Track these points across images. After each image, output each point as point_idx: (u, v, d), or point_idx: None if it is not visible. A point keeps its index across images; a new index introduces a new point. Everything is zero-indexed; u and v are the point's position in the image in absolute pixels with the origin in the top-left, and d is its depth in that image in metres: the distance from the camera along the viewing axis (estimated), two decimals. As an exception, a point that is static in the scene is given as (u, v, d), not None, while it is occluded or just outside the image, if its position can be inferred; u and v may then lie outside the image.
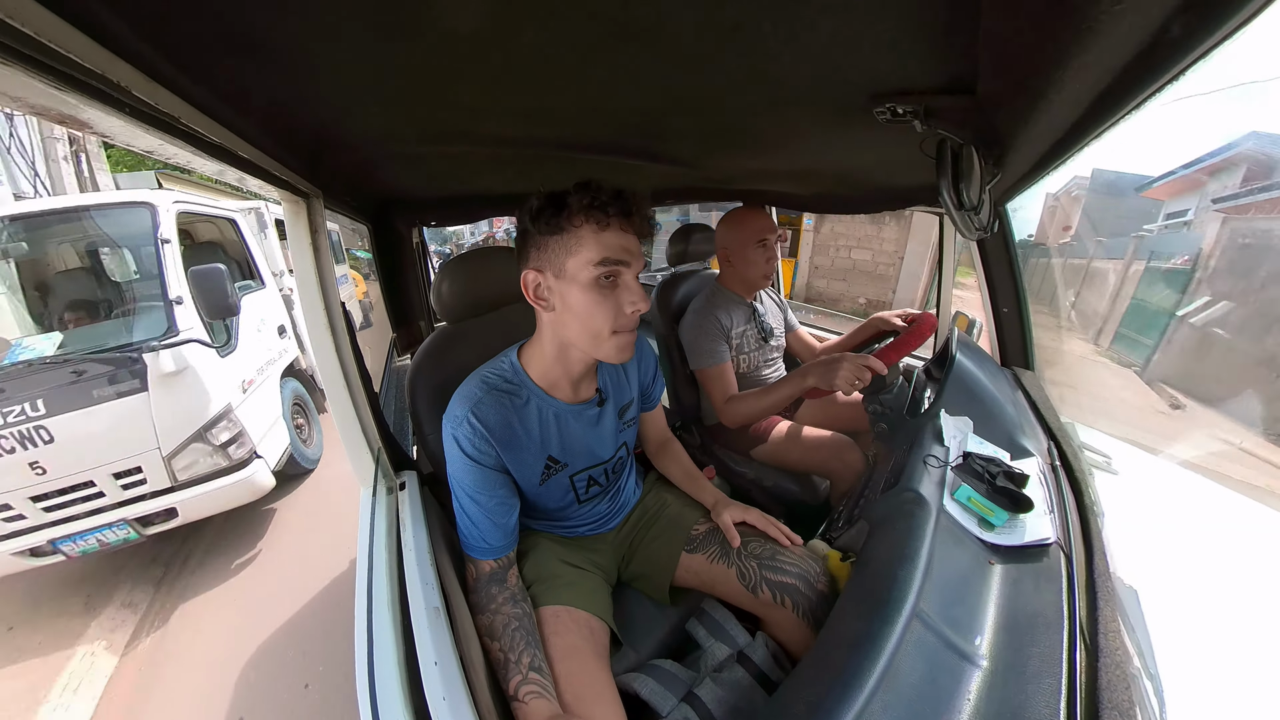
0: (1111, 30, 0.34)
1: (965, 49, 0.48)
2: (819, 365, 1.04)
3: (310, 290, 0.90)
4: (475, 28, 0.46)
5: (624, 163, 1.14)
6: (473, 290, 1.04)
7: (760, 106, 0.72)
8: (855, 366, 0.98)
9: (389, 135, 0.85)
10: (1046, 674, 0.52)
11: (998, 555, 0.68)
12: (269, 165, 0.68)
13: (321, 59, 0.51)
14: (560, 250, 0.69)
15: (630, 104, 0.73)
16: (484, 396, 0.76)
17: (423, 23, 0.44)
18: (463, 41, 0.49)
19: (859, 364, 0.99)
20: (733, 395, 1.26)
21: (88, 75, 0.34)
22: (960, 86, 0.57)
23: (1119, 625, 0.57)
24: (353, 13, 0.42)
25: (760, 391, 1.19)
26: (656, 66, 0.57)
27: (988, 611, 0.60)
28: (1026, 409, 1.03)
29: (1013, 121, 0.56)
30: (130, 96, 0.38)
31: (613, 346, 0.73)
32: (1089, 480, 0.83)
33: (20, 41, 0.28)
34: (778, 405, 1.16)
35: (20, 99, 0.31)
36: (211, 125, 0.51)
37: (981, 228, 0.73)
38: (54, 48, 0.29)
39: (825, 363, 1.03)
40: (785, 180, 1.44)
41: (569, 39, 0.49)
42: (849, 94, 0.63)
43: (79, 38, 0.31)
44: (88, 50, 0.33)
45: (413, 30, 0.46)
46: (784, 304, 1.60)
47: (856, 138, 0.86)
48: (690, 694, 0.70)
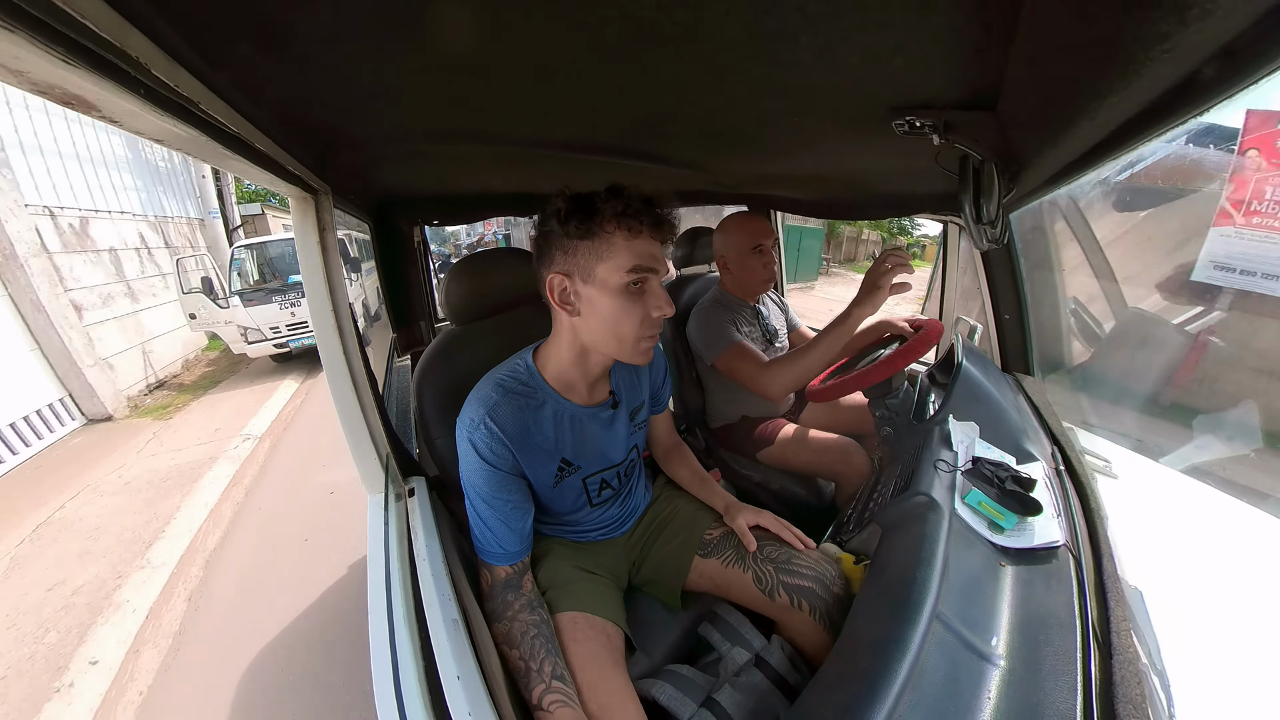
0: (1154, 73, 0.34)
1: (993, 68, 0.49)
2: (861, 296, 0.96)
3: (318, 290, 0.87)
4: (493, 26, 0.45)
5: (630, 164, 1.14)
6: (482, 292, 1.03)
7: (777, 114, 0.73)
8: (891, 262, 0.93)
9: (396, 133, 0.84)
10: (1063, 672, 0.54)
11: (1008, 557, 0.70)
12: (282, 159, 0.66)
13: (337, 53, 0.50)
14: (590, 256, 0.69)
15: (643, 107, 0.73)
16: (500, 400, 0.76)
17: (438, 19, 0.44)
18: (480, 40, 0.48)
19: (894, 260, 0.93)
20: (766, 364, 1.17)
21: (103, 46, 0.30)
22: (981, 103, 0.58)
23: (1129, 627, 0.59)
24: (371, 7, 0.41)
25: (799, 350, 1.07)
26: (679, 71, 0.56)
27: (1002, 612, 0.61)
28: (1029, 414, 1.05)
29: (1034, 141, 0.57)
30: (148, 75, 0.36)
31: (638, 349, 0.74)
32: (1092, 484, 0.85)
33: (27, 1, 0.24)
34: (826, 356, 1.03)
35: (23, 73, 0.27)
36: (230, 114, 0.49)
37: (994, 240, 0.75)
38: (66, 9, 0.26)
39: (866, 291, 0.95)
40: (794, 185, 1.45)
41: (594, 41, 0.49)
42: (870, 106, 0.64)
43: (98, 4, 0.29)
44: (103, 16, 0.30)
45: (427, 26, 0.45)
46: (785, 305, 1.62)
47: (870, 146, 0.86)
48: (709, 699, 0.71)
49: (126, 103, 0.34)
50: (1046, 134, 0.54)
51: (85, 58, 0.29)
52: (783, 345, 1.50)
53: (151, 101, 0.36)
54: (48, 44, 0.26)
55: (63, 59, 0.27)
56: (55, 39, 0.26)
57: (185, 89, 0.40)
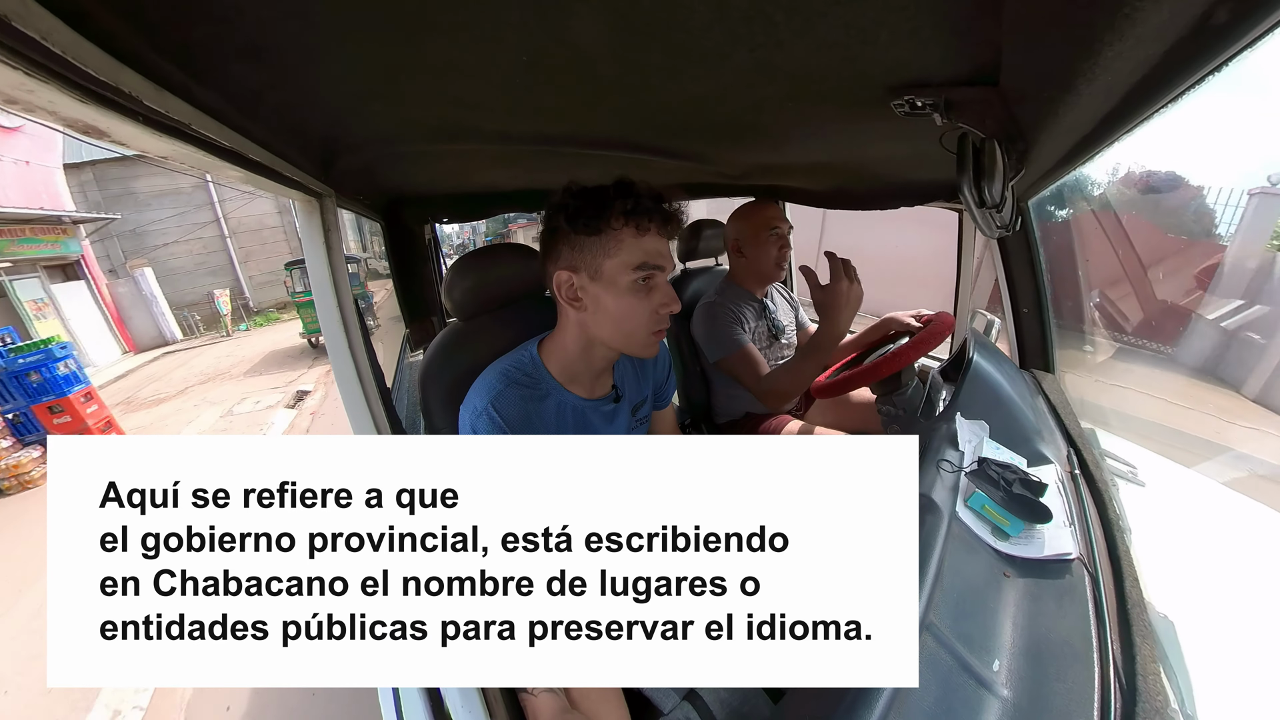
0: (1149, 18, 0.31)
1: (988, 38, 0.46)
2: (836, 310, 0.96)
3: (324, 289, 0.89)
4: (479, 26, 0.45)
5: (635, 158, 1.13)
6: (484, 287, 1.03)
7: (772, 101, 0.70)
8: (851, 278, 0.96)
9: (397, 134, 0.85)
10: (1075, 713, 0.49)
11: (1014, 567, 0.66)
12: (280, 167, 0.68)
13: (327, 61, 0.51)
14: (597, 251, 0.69)
15: (639, 100, 0.71)
16: (504, 389, 0.76)
17: (425, 22, 0.44)
18: (467, 40, 0.48)
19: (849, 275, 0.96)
20: (767, 373, 1.20)
21: (101, 87, 0.35)
22: (983, 78, 0.54)
23: (1159, 666, 0.53)
24: (356, 15, 0.42)
25: (796, 360, 1.12)
26: (663, 62, 0.55)
27: (1005, 631, 0.57)
28: (1046, 414, 0.99)
29: (1037, 115, 0.53)
30: (141, 106, 0.39)
31: (644, 344, 0.75)
32: (1112, 491, 0.80)
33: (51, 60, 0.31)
34: (819, 365, 1.05)
35: (56, 112, 0.34)
36: (222, 130, 0.51)
37: (1004, 225, 0.70)
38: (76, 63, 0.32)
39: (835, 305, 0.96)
40: (800, 175, 1.41)
41: (574, 35, 0.48)
42: (865, 86, 0.61)
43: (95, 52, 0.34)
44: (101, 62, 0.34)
45: (415, 30, 0.45)
46: (795, 301, 1.57)
47: (873, 131, 0.83)
48: (692, 692, 0.69)
49: (129, 128, 0.39)
50: (1048, 105, 0.49)
51: (93, 96, 0.35)
52: (790, 342, 1.47)
53: (149, 126, 0.40)
54: (67, 88, 0.32)
55: (79, 99, 0.34)
56: (70, 84, 0.33)
57: (175, 113, 0.43)
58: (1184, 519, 0.98)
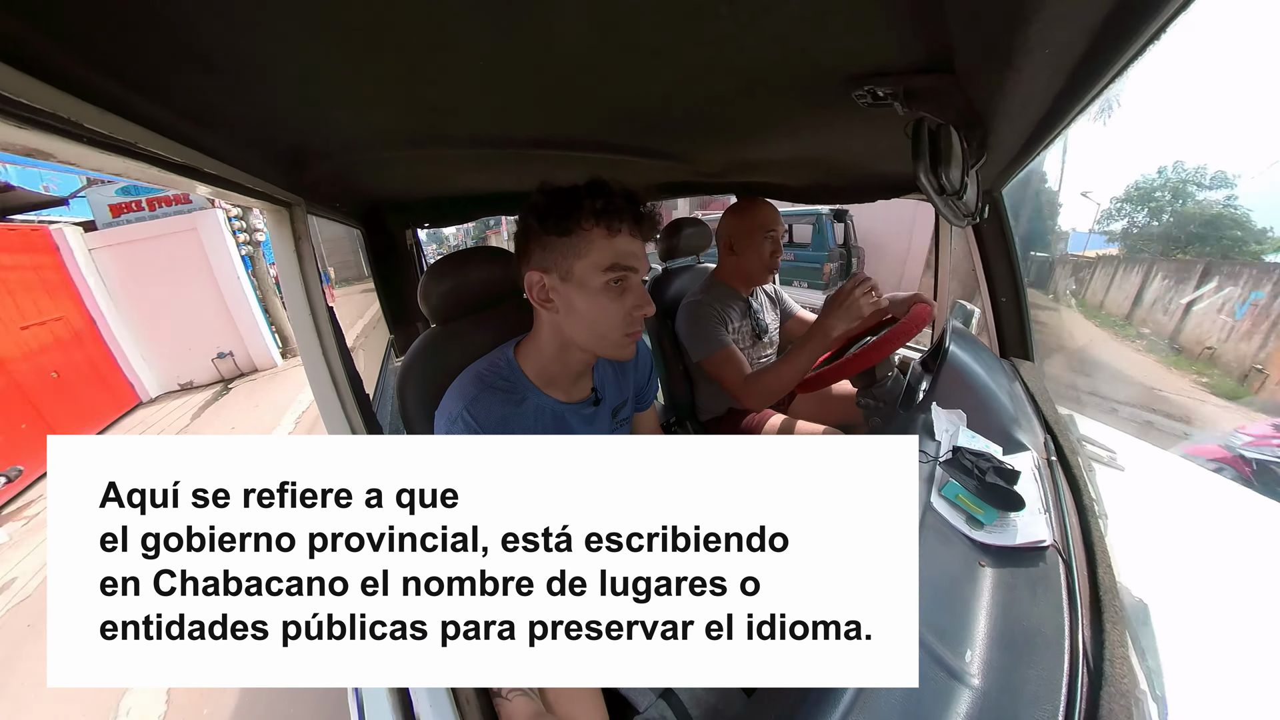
0: None
1: (937, 23, 0.45)
2: (835, 311, 1.00)
3: (297, 297, 0.88)
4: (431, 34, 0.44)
5: (612, 159, 1.12)
6: (460, 291, 1.02)
7: (732, 95, 0.70)
8: (861, 290, 0.97)
9: (367, 141, 0.83)
10: (1045, 699, 0.48)
11: (989, 556, 0.65)
12: (241, 179, 0.67)
13: (284, 70, 0.50)
14: (568, 252, 0.68)
15: (599, 98, 0.70)
16: (480, 394, 0.75)
17: (380, 30, 0.43)
18: (423, 47, 0.47)
19: (862, 287, 0.98)
20: (749, 374, 1.20)
21: (36, 114, 0.34)
22: (939, 65, 0.54)
23: (1127, 649, 0.53)
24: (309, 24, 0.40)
25: (779, 361, 1.13)
26: (619, 58, 0.54)
27: (979, 621, 0.57)
28: (1024, 401, 0.99)
29: (990, 97, 0.53)
30: (82, 128, 0.37)
31: (618, 346, 0.73)
32: (1088, 477, 0.80)
33: None
34: (803, 368, 1.08)
35: None
36: (173, 146, 0.50)
37: (969, 214, 0.70)
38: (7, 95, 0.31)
39: (838, 307, 1.00)
40: (777, 170, 1.41)
41: (524, 35, 0.47)
42: (821, 77, 0.60)
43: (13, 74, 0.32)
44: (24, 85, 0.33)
45: (372, 39, 0.44)
46: (779, 295, 1.57)
47: (841, 124, 0.82)
48: (667, 690, 0.69)
49: (75, 150, 0.38)
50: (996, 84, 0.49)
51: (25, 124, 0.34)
52: (772, 341, 1.46)
53: (95, 146, 0.39)
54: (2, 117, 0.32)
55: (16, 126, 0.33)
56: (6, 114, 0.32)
57: (120, 133, 0.41)
58: (1163, 502, 0.98)
